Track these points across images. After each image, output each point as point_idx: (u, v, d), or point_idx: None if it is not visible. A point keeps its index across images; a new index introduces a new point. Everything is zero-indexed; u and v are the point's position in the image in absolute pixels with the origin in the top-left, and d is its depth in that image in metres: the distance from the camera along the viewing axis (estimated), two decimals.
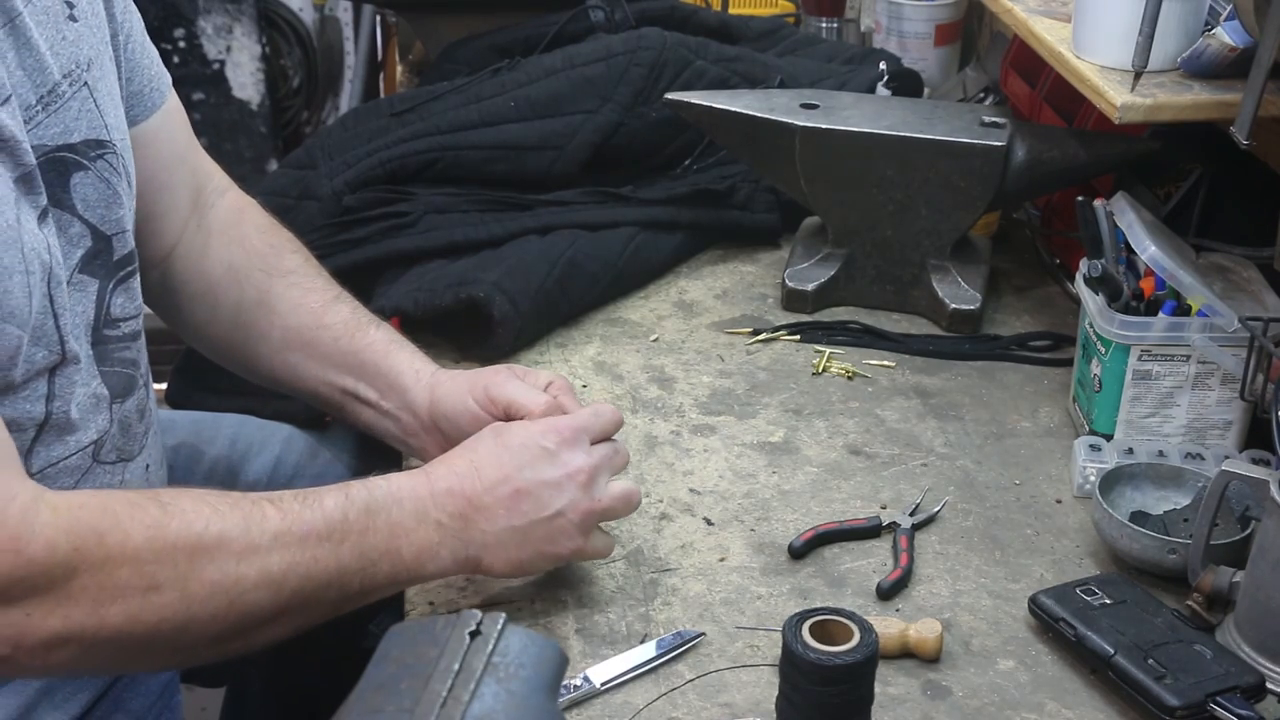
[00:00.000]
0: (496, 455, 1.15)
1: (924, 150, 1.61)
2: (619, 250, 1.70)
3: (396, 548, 1.11)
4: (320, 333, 1.37)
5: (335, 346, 1.36)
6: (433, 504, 1.12)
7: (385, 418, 1.36)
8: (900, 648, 1.17)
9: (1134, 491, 1.33)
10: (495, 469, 1.14)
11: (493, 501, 1.13)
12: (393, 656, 0.92)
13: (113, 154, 1.17)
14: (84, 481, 1.18)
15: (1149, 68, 1.32)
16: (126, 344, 1.21)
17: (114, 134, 1.18)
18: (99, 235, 1.16)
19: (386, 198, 1.73)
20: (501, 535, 1.14)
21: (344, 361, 1.36)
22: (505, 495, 1.14)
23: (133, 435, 1.24)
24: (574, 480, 1.16)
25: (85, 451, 1.17)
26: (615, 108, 1.79)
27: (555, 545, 1.16)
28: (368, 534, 1.10)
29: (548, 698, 0.91)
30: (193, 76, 3.33)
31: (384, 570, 1.11)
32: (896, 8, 2.19)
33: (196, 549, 1.02)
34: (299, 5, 3.43)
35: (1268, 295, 1.39)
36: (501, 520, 1.14)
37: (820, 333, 1.66)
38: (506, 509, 1.14)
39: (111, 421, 1.20)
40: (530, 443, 1.16)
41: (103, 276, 1.17)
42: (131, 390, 1.23)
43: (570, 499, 1.15)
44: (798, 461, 1.43)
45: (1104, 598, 1.19)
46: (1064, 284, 1.73)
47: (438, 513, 1.12)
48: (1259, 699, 1.11)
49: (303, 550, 1.06)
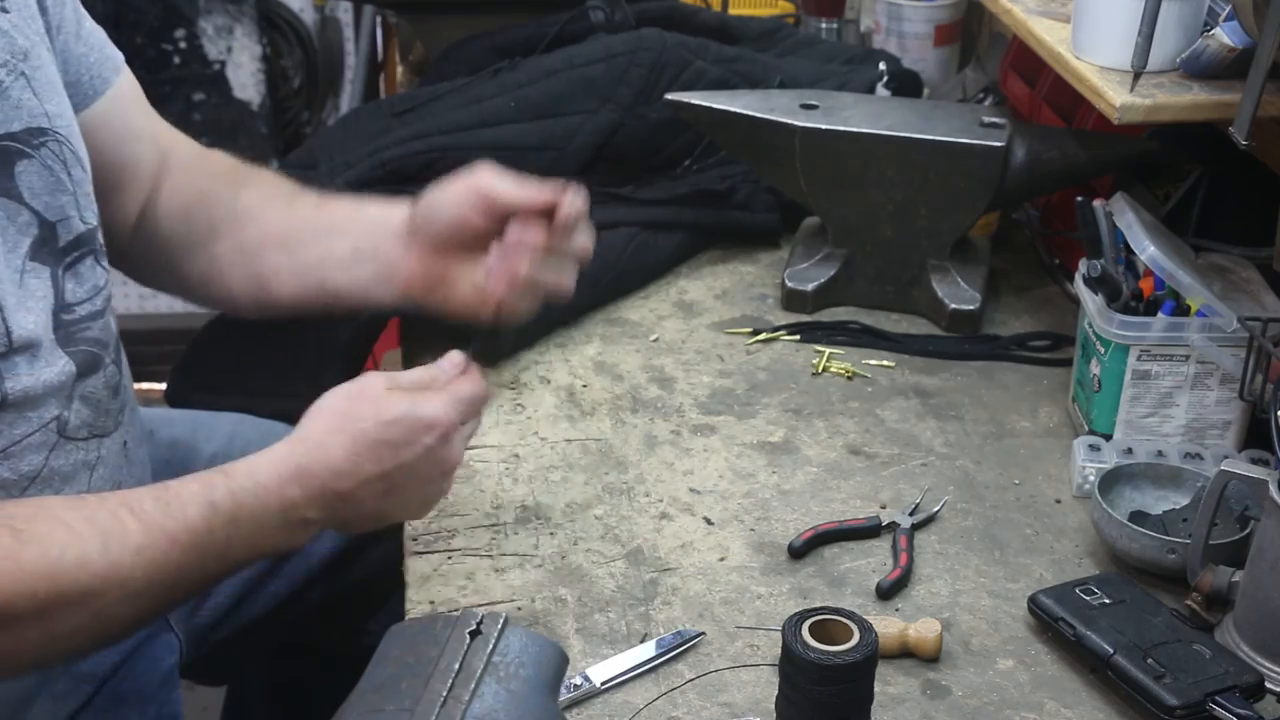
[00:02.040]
0: (375, 450, 1.14)
1: (924, 150, 1.61)
2: (619, 250, 1.70)
3: (260, 548, 1.13)
4: (290, 218, 1.39)
5: (304, 223, 1.39)
6: (303, 502, 1.12)
7: (363, 263, 1.34)
8: (900, 647, 1.18)
9: (1133, 491, 1.33)
10: (374, 465, 1.13)
11: (366, 495, 1.14)
12: (393, 656, 0.92)
13: (55, 141, 1.18)
14: (54, 458, 1.18)
15: (1148, 68, 1.32)
16: (87, 324, 1.21)
17: (56, 122, 1.18)
18: (44, 223, 1.16)
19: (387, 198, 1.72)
20: (369, 518, 1.17)
21: (314, 231, 1.38)
22: (379, 490, 1.14)
23: (105, 412, 1.24)
24: (446, 476, 1.19)
25: (48, 428, 1.17)
26: (615, 108, 1.79)
27: (424, 508, 1.21)
28: (232, 542, 1.10)
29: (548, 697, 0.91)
30: (193, 77, 3.33)
31: (246, 563, 1.14)
32: (896, 8, 2.19)
33: (55, 575, 1.00)
34: (299, 6, 3.43)
35: (1267, 295, 1.39)
36: (371, 509, 1.16)
37: (820, 333, 1.66)
38: (378, 500, 1.15)
39: (73, 398, 1.19)
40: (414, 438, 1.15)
41: (52, 263, 1.17)
42: (97, 367, 1.22)
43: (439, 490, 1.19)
44: (797, 461, 1.43)
45: (1103, 597, 1.19)
46: (1063, 284, 1.73)
47: (305, 511, 1.12)
48: (1258, 698, 1.11)
49: (165, 562, 1.05)
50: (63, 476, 1.19)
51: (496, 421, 1.48)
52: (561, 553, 1.30)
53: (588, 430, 1.47)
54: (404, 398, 1.15)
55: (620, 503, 1.36)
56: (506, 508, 1.36)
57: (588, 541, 1.31)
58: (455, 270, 1.31)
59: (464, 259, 1.30)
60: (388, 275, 1.33)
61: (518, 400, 1.52)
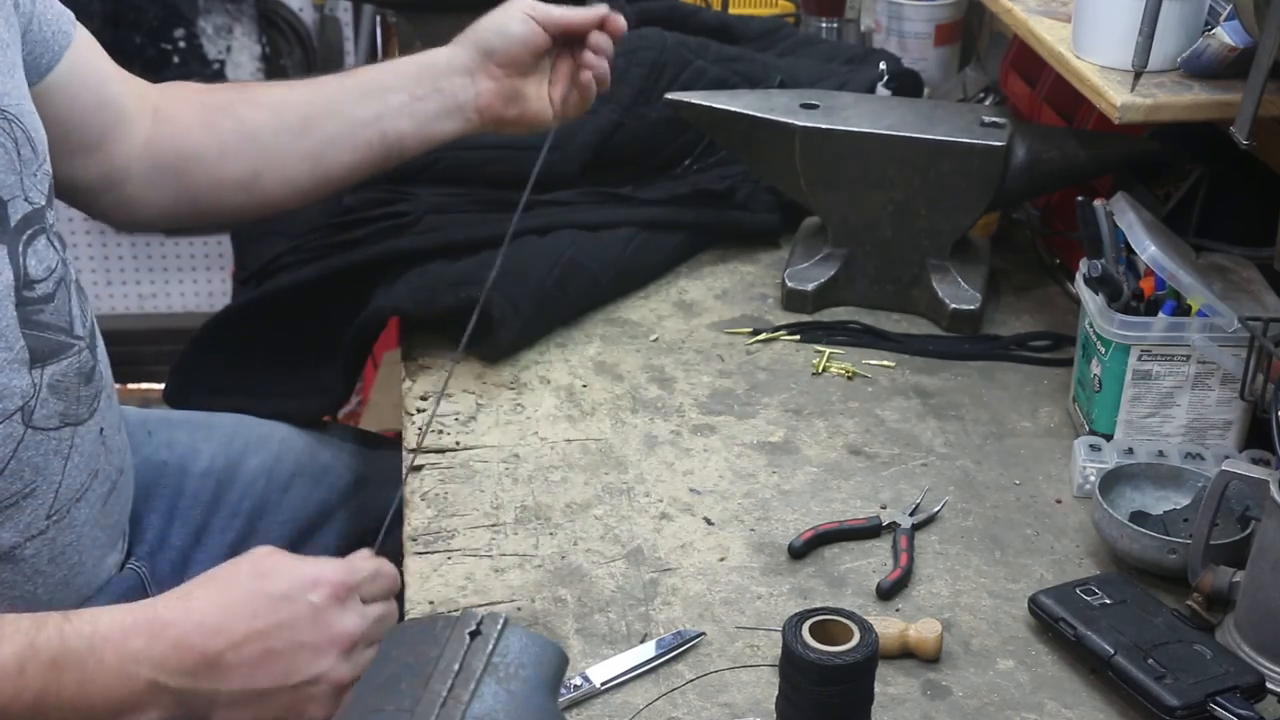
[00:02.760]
0: (251, 604, 1.02)
1: (924, 150, 1.61)
2: (619, 250, 1.70)
3: (89, 706, 0.98)
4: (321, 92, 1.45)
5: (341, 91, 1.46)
6: (149, 663, 0.99)
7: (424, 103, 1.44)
8: (900, 648, 1.17)
9: (1134, 491, 1.33)
10: (246, 621, 1.01)
11: (236, 660, 1.00)
12: (393, 656, 0.92)
13: (4, 119, 1.17)
14: (23, 450, 1.16)
15: (1149, 68, 1.32)
16: (41, 306, 1.19)
17: (4, 100, 1.17)
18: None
19: (386, 198, 1.73)
20: (240, 697, 1.01)
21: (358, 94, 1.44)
22: (253, 654, 1.00)
23: (78, 399, 1.22)
24: (336, 646, 1.03)
25: (12, 420, 1.15)
26: (615, 108, 1.79)
27: (300, 713, 1.03)
28: (50, 690, 0.97)
29: (548, 698, 0.91)
30: (193, 76, 3.33)
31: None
32: (896, 8, 2.19)
33: None
34: (299, 5, 3.43)
35: (1267, 295, 1.39)
36: (241, 681, 1.00)
37: (820, 333, 1.66)
38: (251, 668, 1.00)
39: (36, 385, 1.17)
40: (295, 594, 1.03)
41: (9, 240, 1.16)
42: (60, 353, 1.20)
43: (327, 666, 1.02)
44: (798, 461, 1.43)
45: (1104, 598, 1.19)
46: (1064, 284, 1.73)
47: (154, 672, 0.99)
48: (1259, 699, 1.11)
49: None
50: (34, 468, 1.18)
51: (496, 421, 1.48)
52: (561, 553, 1.30)
53: (588, 430, 1.47)
54: (290, 556, 1.06)
55: (620, 503, 1.36)
56: (506, 508, 1.35)
57: (587, 541, 1.31)
58: (525, 86, 1.47)
59: (530, 74, 1.47)
60: (452, 108, 1.44)
61: (518, 400, 1.51)
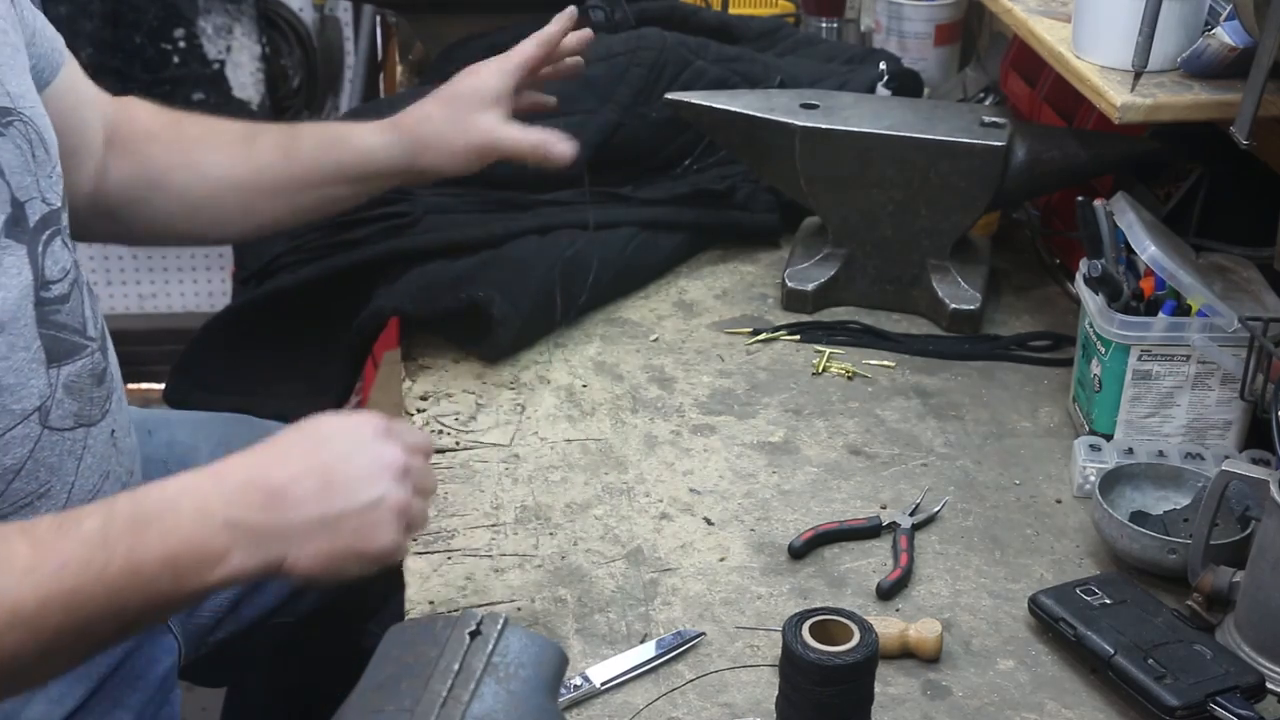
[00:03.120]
0: (302, 442, 1.06)
1: (924, 150, 1.61)
2: (619, 250, 1.70)
3: (174, 557, 0.99)
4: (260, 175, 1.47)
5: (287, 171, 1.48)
6: (221, 502, 1.00)
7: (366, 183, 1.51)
8: (900, 648, 1.17)
9: (1134, 491, 1.33)
10: (302, 457, 1.04)
11: (300, 492, 1.02)
12: (393, 656, 0.92)
13: (21, 122, 1.18)
14: (40, 450, 1.17)
15: (1149, 68, 1.32)
16: (57, 306, 1.20)
17: (19, 102, 1.18)
18: (15, 201, 1.16)
19: (386, 198, 1.72)
20: (309, 527, 1.02)
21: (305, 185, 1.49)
22: (314, 485, 1.03)
23: (90, 400, 1.23)
24: (388, 470, 1.05)
25: (30, 420, 1.16)
26: (615, 108, 1.79)
27: (370, 540, 1.04)
28: (136, 550, 0.98)
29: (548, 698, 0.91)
30: (193, 76, 3.32)
31: (164, 587, 0.99)
32: (896, 8, 2.19)
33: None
34: (299, 5, 3.43)
35: (1268, 295, 1.39)
36: (310, 509, 1.02)
37: (820, 333, 1.66)
38: (314, 498, 1.02)
39: (53, 385, 1.18)
40: (342, 430, 1.07)
41: (28, 241, 1.17)
42: (75, 353, 1.21)
43: (385, 489, 1.04)
44: (798, 461, 1.43)
45: (1104, 598, 1.19)
46: (1064, 284, 1.73)
47: (228, 510, 1.00)
48: (1259, 699, 1.11)
49: (59, 583, 0.95)
50: (49, 468, 1.18)
51: (496, 421, 1.48)
52: (561, 553, 1.30)
53: (588, 430, 1.47)
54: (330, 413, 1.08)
55: (620, 503, 1.36)
56: (506, 508, 1.35)
57: (587, 542, 1.31)
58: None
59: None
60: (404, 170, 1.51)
61: (518, 400, 1.51)
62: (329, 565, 1.03)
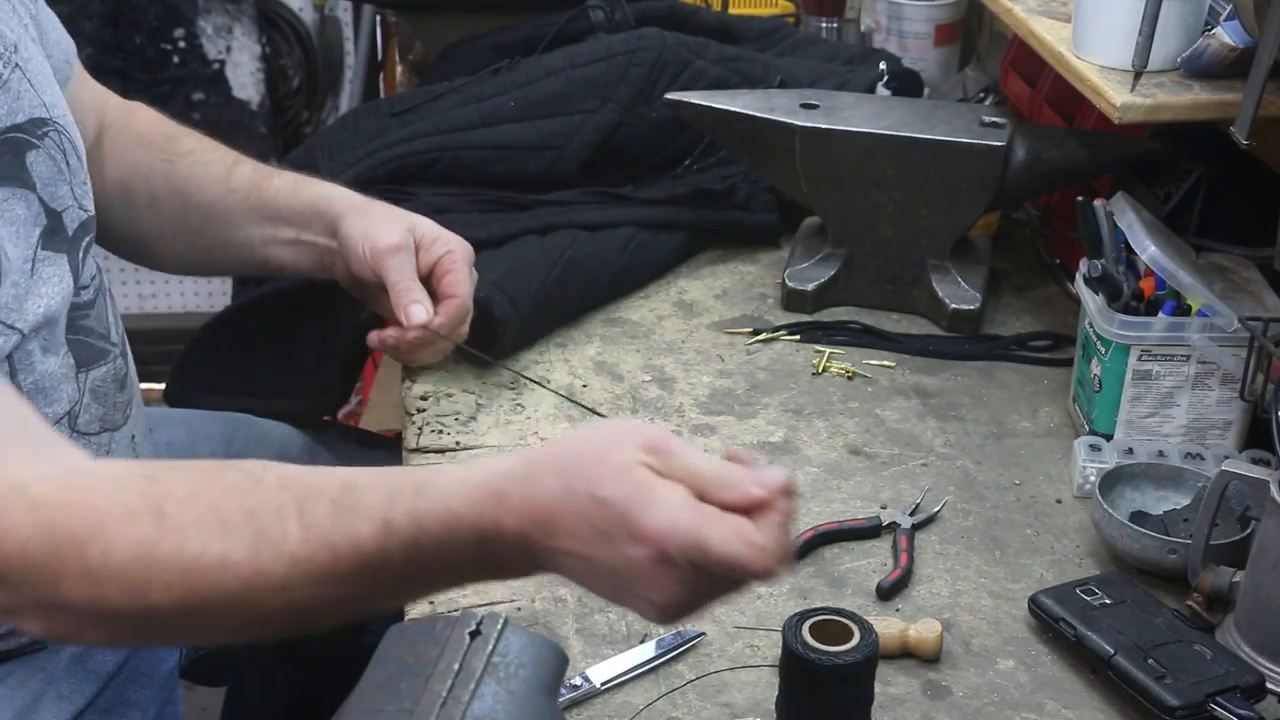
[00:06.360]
0: (576, 518, 0.90)
1: (924, 150, 1.61)
2: (619, 250, 1.70)
3: (451, 572, 0.96)
4: (230, 198, 1.45)
5: (245, 205, 1.44)
6: (498, 540, 0.92)
7: (305, 249, 1.44)
8: (900, 648, 1.17)
9: (1134, 491, 1.33)
10: (570, 538, 0.90)
11: (565, 555, 0.91)
12: (393, 656, 0.92)
13: (55, 131, 1.18)
14: None
15: (1149, 68, 1.32)
16: (86, 312, 1.22)
17: (53, 111, 1.19)
18: (51, 212, 1.17)
19: (386, 198, 1.72)
20: (587, 571, 0.92)
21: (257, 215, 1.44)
22: (578, 566, 0.91)
23: (114, 405, 1.24)
24: (651, 598, 0.91)
25: (61, 425, 1.17)
26: (615, 108, 1.79)
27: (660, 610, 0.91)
28: (410, 566, 0.93)
29: (548, 698, 0.91)
30: (193, 76, 3.32)
31: (432, 592, 0.99)
32: (896, 8, 2.19)
33: (191, 572, 0.91)
34: (299, 5, 3.43)
35: (1268, 295, 1.39)
36: (575, 568, 0.92)
37: (820, 333, 1.66)
38: (578, 574, 0.92)
39: (81, 390, 1.20)
40: (614, 534, 0.89)
41: (66, 250, 1.18)
42: (101, 359, 1.22)
43: (645, 594, 0.91)
44: (798, 461, 1.43)
45: (1104, 598, 1.19)
46: (1064, 284, 1.73)
47: (506, 550, 0.92)
48: (1259, 699, 1.11)
49: (328, 577, 0.93)
50: None
51: (496, 421, 1.48)
52: None
53: None
54: (644, 477, 0.90)
55: None
56: None
57: None
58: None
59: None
60: (326, 261, 1.44)
61: (518, 400, 1.51)
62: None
